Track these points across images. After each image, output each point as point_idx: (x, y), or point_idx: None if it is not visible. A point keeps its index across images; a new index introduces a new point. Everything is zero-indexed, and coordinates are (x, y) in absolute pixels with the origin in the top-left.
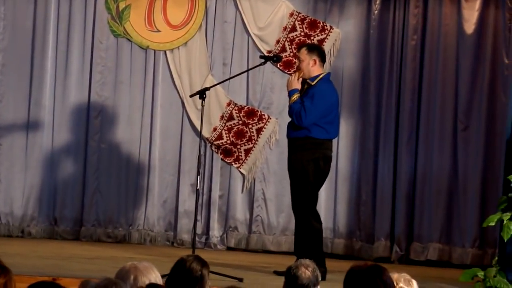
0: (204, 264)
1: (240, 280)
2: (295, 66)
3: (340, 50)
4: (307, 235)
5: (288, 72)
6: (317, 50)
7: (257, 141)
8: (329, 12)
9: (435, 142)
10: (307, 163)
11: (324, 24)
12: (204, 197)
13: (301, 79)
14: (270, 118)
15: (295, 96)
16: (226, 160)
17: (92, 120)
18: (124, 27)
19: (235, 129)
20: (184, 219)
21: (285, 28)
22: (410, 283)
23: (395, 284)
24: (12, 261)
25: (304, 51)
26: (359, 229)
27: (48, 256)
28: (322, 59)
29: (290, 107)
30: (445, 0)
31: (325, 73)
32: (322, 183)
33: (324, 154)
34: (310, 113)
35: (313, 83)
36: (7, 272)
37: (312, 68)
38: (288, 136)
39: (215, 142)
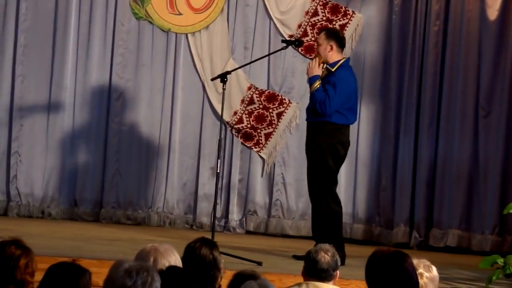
0: (212, 245)
1: (259, 264)
2: (315, 51)
3: (362, 35)
4: (327, 219)
5: (310, 57)
6: (335, 36)
7: (278, 125)
8: None
9: (456, 128)
10: (326, 148)
11: (346, 9)
12: (224, 180)
13: (322, 64)
14: (291, 103)
15: (317, 84)
16: (246, 144)
17: (113, 102)
18: (146, 10)
19: (255, 113)
20: (203, 202)
21: (307, 13)
22: (430, 268)
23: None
24: (32, 241)
25: (322, 35)
26: (378, 215)
27: (68, 237)
28: (340, 44)
29: (313, 95)
30: None
31: (344, 59)
32: (340, 167)
33: (342, 140)
34: (333, 102)
35: (333, 70)
36: (29, 253)
37: (330, 53)
38: (308, 120)
39: (236, 126)
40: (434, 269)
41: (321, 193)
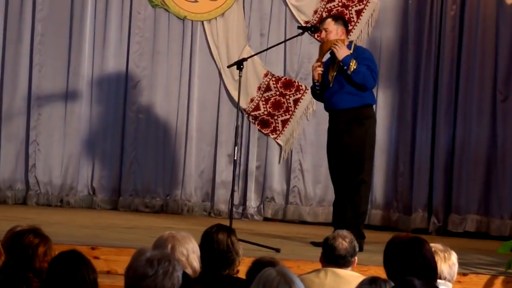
0: (229, 231)
1: (277, 250)
2: (322, 38)
3: (378, 20)
4: (365, 205)
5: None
6: (342, 20)
7: (294, 112)
8: None
9: (473, 113)
10: (371, 131)
11: None
12: (241, 167)
13: (328, 50)
14: (308, 89)
15: (354, 62)
16: (263, 131)
17: (130, 90)
18: None
19: (272, 100)
20: (221, 190)
21: None
22: (447, 249)
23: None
24: (51, 230)
25: (330, 22)
26: (396, 200)
27: (86, 225)
28: (347, 27)
29: (359, 71)
30: None
31: (349, 40)
32: None
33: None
34: (376, 74)
35: (351, 50)
36: (47, 241)
37: (342, 37)
38: (343, 106)
39: (252, 113)
40: (453, 253)
41: (364, 180)
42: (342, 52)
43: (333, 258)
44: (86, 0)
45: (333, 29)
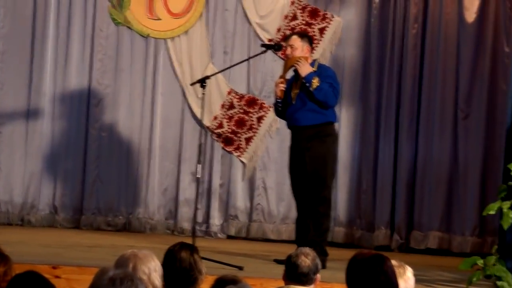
0: (192, 249)
1: (240, 268)
2: (287, 55)
3: (341, 39)
4: (327, 223)
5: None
6: (308, 37)
7: (258, 129)
8: (330, 0)
9: (435, 131)
10: (333, 149)
11: (325, 12)
12: (205, 185)
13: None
14: (271, 107)
15: (317, 79)
16: (226, 148)
17: (93, 108)
18: (124, 15)
19: (236, 117)
20: (184, 208)
21: (286, 17)
22: (402, 264)
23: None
24: (12, 249)
25: (296, 38)
26: (359, 218)
27: (48, 244)
28: (311, 45)
29: (321, 89)
30: None
31: (313, 59)
32: None
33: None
34: (338, 93)
35: (314, 68)
36: (7, 261)
37: (307, 55)
38: (305, 123)
39: (216, 131)
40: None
41: (326, 197)
42: (305, 69)
43: (296, 275)
44: (48, 18)
45: (299, 46)
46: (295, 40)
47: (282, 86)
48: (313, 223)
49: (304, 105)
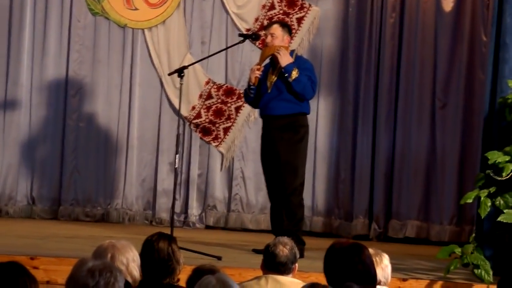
0: (170, 239)
1: (219, 258)
2: (267, 43)
3: (319, 28)
4: (301, 212)
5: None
6: (288, 28)
7: (236, 119)
8: None
9: (413, 120)
10: (306, 140)
11: (303, 2)
12: (183, 176)
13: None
14: (242, 92)
15: (296, 70)
16: (204, 139)
17: (70, 99)
18: (102, 5)
19: (213, 107)
20: (162, 198)
21: (263, 6)
22: (378, 252)
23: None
24: None
25: (277, 27)
26: (337, 207)
27: (26, 235)
28: (291, 36)
29: (300, 81)
30: None
31: (291, 49)
32: None
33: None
34: (316, 86)
35: (293, 59)
36: None
37: (285, 45)
38: (279, 113)
39: (194, 121)
40: (385, 256)
41: (298, 187)
42: (285, 59)
43: (274, 265)
44: (24, 9)
45: (280, 35)
46: (276, 29)
47: (258, 73)
48: (286, 212)
49: (280, 94)
